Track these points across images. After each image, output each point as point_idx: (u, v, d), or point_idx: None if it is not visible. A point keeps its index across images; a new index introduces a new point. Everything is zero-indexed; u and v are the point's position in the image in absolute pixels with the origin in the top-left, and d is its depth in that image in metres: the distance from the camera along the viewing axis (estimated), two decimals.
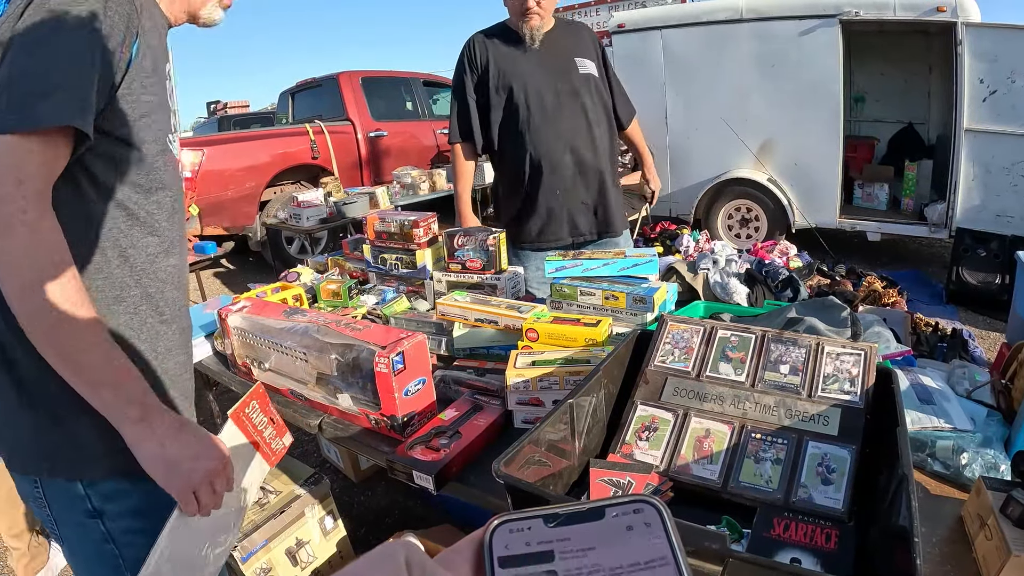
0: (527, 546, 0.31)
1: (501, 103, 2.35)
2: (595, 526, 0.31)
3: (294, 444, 1.32)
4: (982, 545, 0.96)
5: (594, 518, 0.32)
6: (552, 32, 2.36)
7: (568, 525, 0.32)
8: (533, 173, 2.35)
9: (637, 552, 0.30)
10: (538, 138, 2.31)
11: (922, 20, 4.63)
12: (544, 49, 2.33)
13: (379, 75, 7.52)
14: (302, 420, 1.53)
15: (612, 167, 2.46)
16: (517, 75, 2.31)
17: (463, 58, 2.39)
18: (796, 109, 5.20)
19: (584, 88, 2.34)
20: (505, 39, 2.36)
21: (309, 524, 1.94)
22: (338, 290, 2.03)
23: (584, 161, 2.35)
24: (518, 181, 2.38)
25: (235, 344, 1.72)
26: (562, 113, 2.31)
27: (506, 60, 2.33)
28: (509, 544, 0.31)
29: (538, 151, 2.32)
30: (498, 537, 0.31)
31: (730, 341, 1.20)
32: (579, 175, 2.36)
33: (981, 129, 4.49)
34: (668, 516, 0.32)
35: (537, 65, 2.31)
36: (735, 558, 0.67)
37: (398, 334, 1.36)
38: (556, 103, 2.31)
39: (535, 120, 2.30)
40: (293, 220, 5.09)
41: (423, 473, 1.17)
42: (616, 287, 1.56)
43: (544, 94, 2.30)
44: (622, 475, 0.99)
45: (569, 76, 2.33)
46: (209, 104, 15.52)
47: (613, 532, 0.31)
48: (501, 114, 2.36)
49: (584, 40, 2.44)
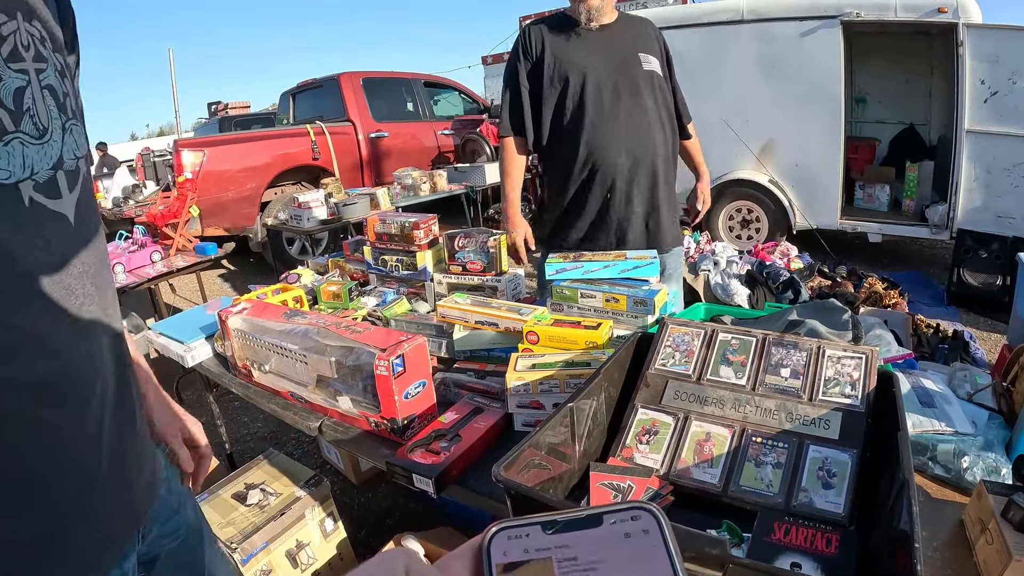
0: (525, 553, 0.31)
1: (555, 96, 2.18)
2: (593, 533, 0.31)
3: (295, 446, 1.32)
4: (983, 549, 0.95)
5: (592, 525, 0.32)
6: (615, 25, 2.21)
7: (566, 532, 0.32)
8: (584, 173, 2.18)
9: (635, 561, 0.30)
10: (593, 135, 2.14)
11: (923, 21, 4.63)
12: (605, 40, 2.17)
13: (380, 76, 7.53)
14: (302, 422, 1.53)
15: (671, 176, 2.28)
16: (574, 66, 2.14)
17: (517, 46, 2.24)
18: (797, 110, 5.19)
19: (647, 86, 2.17)
20: (563, 28, 2.19)
21: (309, 526, 1.94)
22: (338, 292, 2.03)
23: (641, 166, 2.16)
24: (567, 180, 2.23)
25: (235, 346, 1.71)
26: (621, 111, 2.13)
27: (563, 49, 2.17)
28: (508, 551, 0.31)
29: (592, 150, 2.15)
30: (496, 544, 0.32)
31: (731, 344, 1.20)
32: (634, 181, 2.17)
33: (982, 130, 4.49)
34: (666, 523, 0.32)
35: (597, 56, 2.15)
36: (735, 563, 0.66)
37: (398, 336, 1.36)
38: (615, 99, 2.13)
39: (591, 116, 2.13)
40: (294, 221, 5.09)
41: (423, 476, 1.17)
42: (617, 289, 1.56)
43: (603, 88, 2.13)
44: (622, 479, 0.99)
45: (631, 71, 2.15)
46: (210, 105, 15.51)
47: (611, 539, 0.31)
48: (553, 107, 2.20)
49: (649, 35, 2.27)
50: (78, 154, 0.71)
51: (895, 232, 5.27)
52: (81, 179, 0.72)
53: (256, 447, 3.09)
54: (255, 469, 2.10)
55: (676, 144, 2.31)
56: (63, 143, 0.68)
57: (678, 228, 2.34)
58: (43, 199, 0.65)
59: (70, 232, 0.69)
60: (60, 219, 0.67)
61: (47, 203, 0.65)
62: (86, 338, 0.71)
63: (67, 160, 0.69)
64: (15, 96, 0.62)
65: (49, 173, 0.65)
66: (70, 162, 0.69)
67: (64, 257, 0.68)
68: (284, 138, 6.46)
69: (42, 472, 0.67)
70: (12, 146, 0.61)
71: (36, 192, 0.64)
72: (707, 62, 5.50)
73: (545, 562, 0.30)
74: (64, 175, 0.68)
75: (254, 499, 1.94)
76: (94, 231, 0.74)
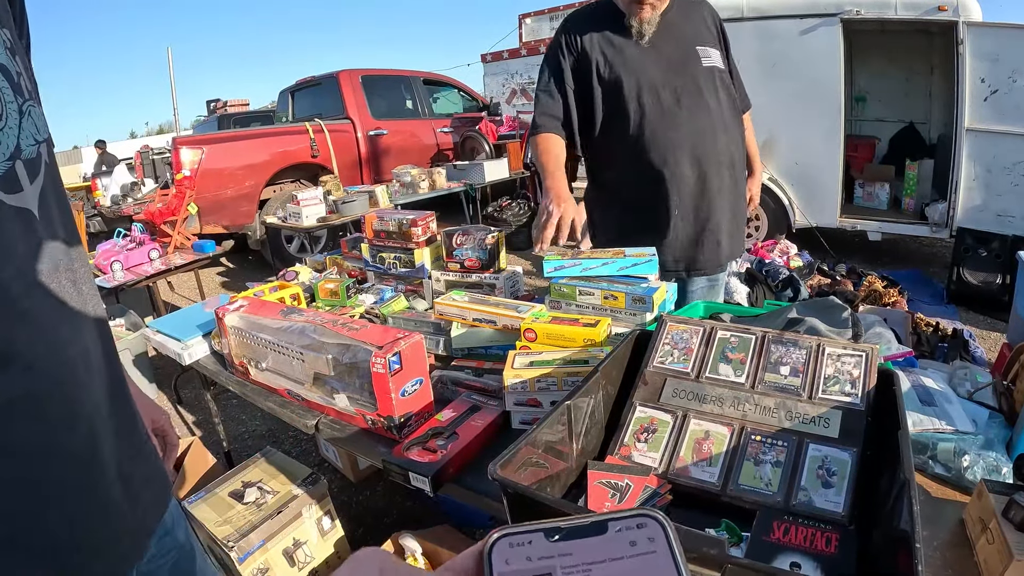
0: (528, 561, 0.30)
1: (605, 101, 1.96)
2: (598, 541, 0.31)
3: (292, 444, 1.31)
4: (984, 549, 0.95)
5: (597, 532, 0.31)
6: (670, 14, 1.95)
7: (570, 540, 0.31)
8: (645, 185, 1.96)
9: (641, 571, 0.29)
10: (654, 146, 1.91)
11: (923, 19, 4.62)
12: (661, 37, 1.93)
13: (379, 73, 7.52)
14: (299, 420, 1.52)
15: (742, 180, 2.07)
16: (628, 68, 1.91)
17: (559, 39, 2.00)
18: (797, 108, 5.18)
19: (709, 84, 1.95)
20: (612, 21, 1.94)
21: (307, 524, 1.93)
22: (336, 289, 2.03)
23: (710, 176, 1.95)
24: (624, 192, 2.02)
25: (232, 344, 1.71)
26: (683, 117, 1.91)
27: (612, 48, 1.93)
28: (509, 559, 0.31)
29: (653, 162, 1.92)
30: (498, 552, 0.31)
31: (730, 342, 1.19)
32: (703, 193, 1.96)
33: (982, 129, 4.48)
34: (673, 532, 0.31)
35: (652, 56, 1.92)
36: (734, 563, 0.66)
37: (395, 334, 1.35)
38: (675, 104, 1.91)
39: (651, 125, 1.91)
40: (292, 219, 5.08)
41: (420, 475, 1.16)
42: (615, 287, 1.55)
43: (661, 93, 1.90)
44: (620, 477, 0.98)
45: (691, 70, 1.93)
46: (209, 103, 15.48)
47: (616, 548, 0.31)
48: (602, 113, 1.97)
49: (706, 23, 2.03)
50: (38, 138, 0.63)
51: (895, 230, 5.26)
52: (43, 167, 0.63)
53: (254, 445, 3.08)
54: (252, 467, 2.09)
55: (742, 145, 2.09)
56: (20, 128, 0.60)
57: (742, 240, 2.13)
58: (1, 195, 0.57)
59: (36, 229, 0.61)
60: (24, 215, 0.59)
61: (6, 199, 0.57)
62: (66, 345, 0.63)
63: (25, 148, 0.60)
64: None
65: (6, 165, 0.57)
66: (29, 149, 0.61)
67: (33, 259, 0.60)
68: (283, 136, 6.45)
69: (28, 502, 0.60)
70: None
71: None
72: None
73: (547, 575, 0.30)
74: (23, 164, 0.60)
75: (251, 497, 1.93)
76: (65, 223, 0.67)
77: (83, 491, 0.64)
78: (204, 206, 5.49)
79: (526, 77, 8.18)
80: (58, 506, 0.62)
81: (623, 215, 2.05)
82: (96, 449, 0.66)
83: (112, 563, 0.69)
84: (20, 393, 0.58)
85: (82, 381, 0.65)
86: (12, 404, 0.57)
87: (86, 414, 0.65)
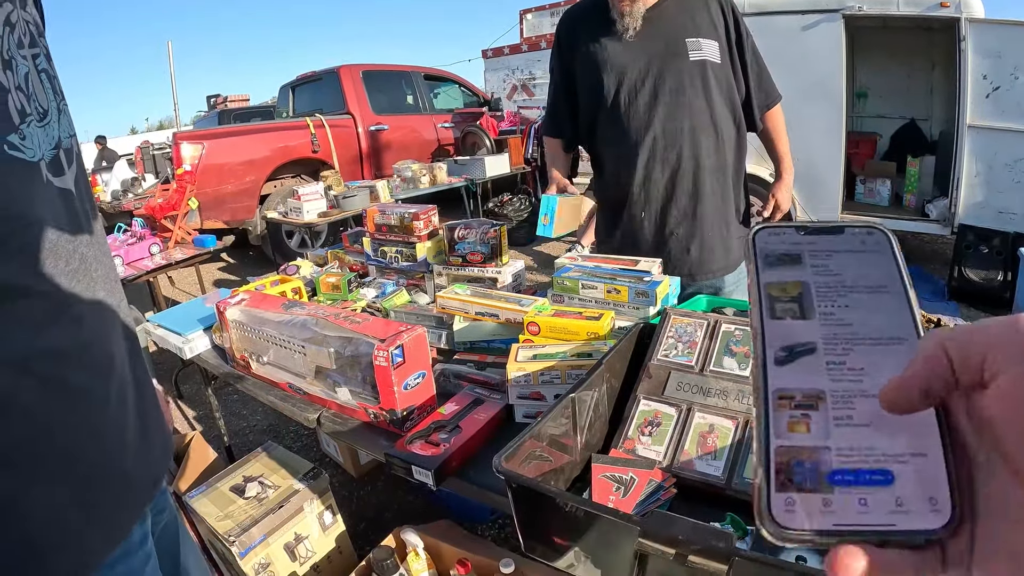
0: (782, 244, 0.38)
1: (590, 100, 1.91)
2: (836, 238, 0.38)
3: (294, 438, 1.31)
4: None
5: (835, 232, 0.38)
6: (665, 4, 1.83)
7: (815, 234, 0.38)
8: (616, 188, 1.92)
9: (869, 263, 0.37)
10: (628, 145, 1.85)
11: (925, 16, 4.60)
12: (648, 29, 1.82)
13: (380, 68, 7.51)
14: (300, 414, 1.51)
15: (727, 187, 1.93)
16: (607, 64, 1.84)
17: (556, 38, 1.98)
18: (798, 104, 5.14)
19: (695, 80, 1.81)
20: (599, 16, 1.86)
21: (308, 519, 1.93)
22: (337, 283, 2.02)
23: (680, 181, 1.85)
24: (606, 192, 1.99)
25: (233, 337, 1.70)
26: (657, 116, 1.81)
27: (597, 45, 1.86)
28: (768, 242, 0.38)
29: (623, 162, 1.87)
30: (760, 238, 0.38)
31: (734, 335, 1.19)
32: (672, 200, 1.87)
33: (984, 125, 4.47)
34: (895, 241, 0.37)
35: (635, 52, 1.82)
36: (742, 556, 0.65)
37: (397, 327, 1.34)
38: (651, 103, 1.81)
39: (626, 123, 1.84)
40: (293, 214, 5.07)
41: (423, 468, 1.16)
42: (618, 280, 1.54)
43: (638, 91, 1.82)
44: (625, 471, 0.98)
45: (675, 65, 1.80)
46: (209, 98, 15.44)
47: (850, 244, 0.37)
48: (588, 113, 1.94)
49: (709, 13, 1.87)
50: (70, 132, 0.75)
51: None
52: (75, 156, 0.75)
53: (255, 440, 3.08)
54: (253, 462, 2.09)
55: (739, 146, 1.95)
56: (59, 123, 0.71)
57: (734, 249, 1.97)
58: (52, 177, 0.69)
59: (76, 206, 0.73)
60: (66, 195, 0.71)
61: (55, 180, 0.69)
62: (100, 306, 0.75)
63: (63, 139, 0.72)
64: (25, 81, 0.66)
65: (53, 152, 0.69)
66: (66, 140, 0.73)
67: (77, 229, 0.72)
68: (283, 131, 6.44)
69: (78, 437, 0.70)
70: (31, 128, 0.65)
71: (47, 170, 0.68)
72: None
73: (797, 257, 0.37)
74: (63, 153, 0.71)
75: (252, 492, 1.93)
76: (92, 204, 0.79)
77: (117, 431, 0.75)
78: (205, 201, 5.48)
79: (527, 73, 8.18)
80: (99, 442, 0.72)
81: (606, 215, 2.03)
82: (124, 396, 0.76)
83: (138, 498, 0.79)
84: (70, 343, 0.69)
85: (113, 336, 0.77)
86: (66, 352, 0.68)
87: (117, 364, 0.76)
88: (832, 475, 0.30)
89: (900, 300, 0.35)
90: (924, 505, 0.29)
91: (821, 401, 0.32)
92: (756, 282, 0.37)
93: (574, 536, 0.80)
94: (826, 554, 0.28)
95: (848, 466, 0.30)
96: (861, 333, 0.34)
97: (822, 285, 0.36)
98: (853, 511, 0.29)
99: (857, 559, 0.27)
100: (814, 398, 0.32)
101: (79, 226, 0.72)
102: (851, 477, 0.30)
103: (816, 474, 0.30)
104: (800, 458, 0.31)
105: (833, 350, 0.34)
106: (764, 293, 0.36)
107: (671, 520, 0.69)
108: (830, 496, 0.29)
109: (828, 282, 0.36)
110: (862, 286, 0.36)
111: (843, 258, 0.37)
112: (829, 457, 0.31)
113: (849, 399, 0.32)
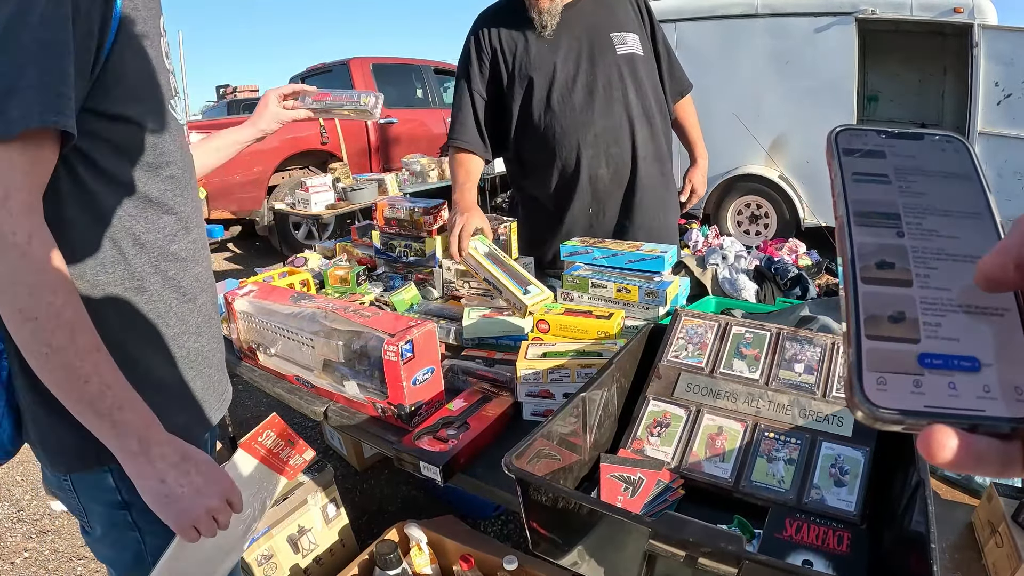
0: (864, 145, 0.38)
1: (518, 102, 1.88)
2: (917, 143, 0.38)
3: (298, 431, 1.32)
4: (992, 552, 0.94)
5: (916, 139, 0.39)
6: (581, 1, 1.85)
7: (896, 139, 0.39)
8: (561, 188, 1.92)
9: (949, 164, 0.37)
10: (567, 146, 1.85)
11: (938, 21, 4.60)
12: (570, 26, 1.82)
13: (390, 62, 7.50)
14: (307, 407, 1.52)
15: (664, 175, 1.98)
16: (535, 66, 1.83)
17: (468, 43, 1.92)
18: (809, 106, 5.16)
19: (626, 74, 1.83)
20: (514, 16, 1.85)
21: (312, 511, 1.94)
22: (346, 276, 2.02)
23: (621, 172, 1.89)
24: (543, 198, 1.98)
25: (241, 328, 1.71)
26: (595, 113, 1.83)
27: (518, 45, 1.84)
28: (851, 142, 0.38)
29: (567, 162, 1.87)
30: (842, 138, 0.38)
31: (745, 338, 1.19)
32: (620, 192, 1.91)
33: (995, 132, 4.46)
34: (974, 149, 0.38)
35: (561, 50, 1.82)
36: (751, 560, 0.66)
37: (407, 322, 1.35)
38: (588, 100, 1.82)
39: (562, 123, 1.84)
40: (301, 205, 5.08)
41: (430, 464, 1.16)
42: (628, 280, 1.54)
43: (572, 88, 1.82)
44: (633, 471, 0.98)
45: (604, 60, 1.82)
46: (219, 88, 15.46)
47: (931, 148, 0.38)
48: (518, 115, 1.90)
49: (623, 5, 1.90)
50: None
51: None
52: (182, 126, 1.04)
53: None
54: None
55: (669, 134, 2.01)
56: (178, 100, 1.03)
57: (673, 233, 2.05)
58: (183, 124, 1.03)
59: (190, 159, 1.05)
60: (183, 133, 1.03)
61: (184, 127, 1.03)
62: (201, 233, 1.06)
63: (180, 113, 1.01)
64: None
65: (183, 114, 0.99)
66: (180, 114, 1.02)
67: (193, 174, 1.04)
68: (292, 122, 6.42)
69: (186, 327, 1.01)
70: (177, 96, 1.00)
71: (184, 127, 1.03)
72: (720, 55, 5.47)
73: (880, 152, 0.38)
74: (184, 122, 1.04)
75: None
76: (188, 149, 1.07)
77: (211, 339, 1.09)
78: (212, 191, 5.49)
79: None
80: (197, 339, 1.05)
81: (543, 214, 1.99)
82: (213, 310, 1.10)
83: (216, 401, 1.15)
84: (187, 255, 1.01)
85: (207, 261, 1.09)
86: (184, 260, 1.00)
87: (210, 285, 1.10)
88: (922, 357, 0.30)
89: (980, 200, 0.36)
90: (1011, 393, 0.29)
91: (907, 282, 0.32)
92: (839, 172, 0.37)
93: (582, 535, 0.81)
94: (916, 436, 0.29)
95: (937, 350, 0.30)
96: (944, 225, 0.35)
97: (904, 178, 0.37)
98: (943, 393, 0.29)
99: (951, 438, 0.28)
100: (901, 278, 0.33)
101: (193, 171, 1.04)
102: (940, 361, 0.30)
103: (906, 355, 0.30)
104: (892, 335, 0.31)
105: (916, 233, 0.34)
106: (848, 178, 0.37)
107: (683, 522, 0.70)
108: (920, 377, 0.29)
109: (910, 177, 0.37)
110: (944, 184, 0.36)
111: (925, 158, 0.37)
112: (919, 337, 0.31)
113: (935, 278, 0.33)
